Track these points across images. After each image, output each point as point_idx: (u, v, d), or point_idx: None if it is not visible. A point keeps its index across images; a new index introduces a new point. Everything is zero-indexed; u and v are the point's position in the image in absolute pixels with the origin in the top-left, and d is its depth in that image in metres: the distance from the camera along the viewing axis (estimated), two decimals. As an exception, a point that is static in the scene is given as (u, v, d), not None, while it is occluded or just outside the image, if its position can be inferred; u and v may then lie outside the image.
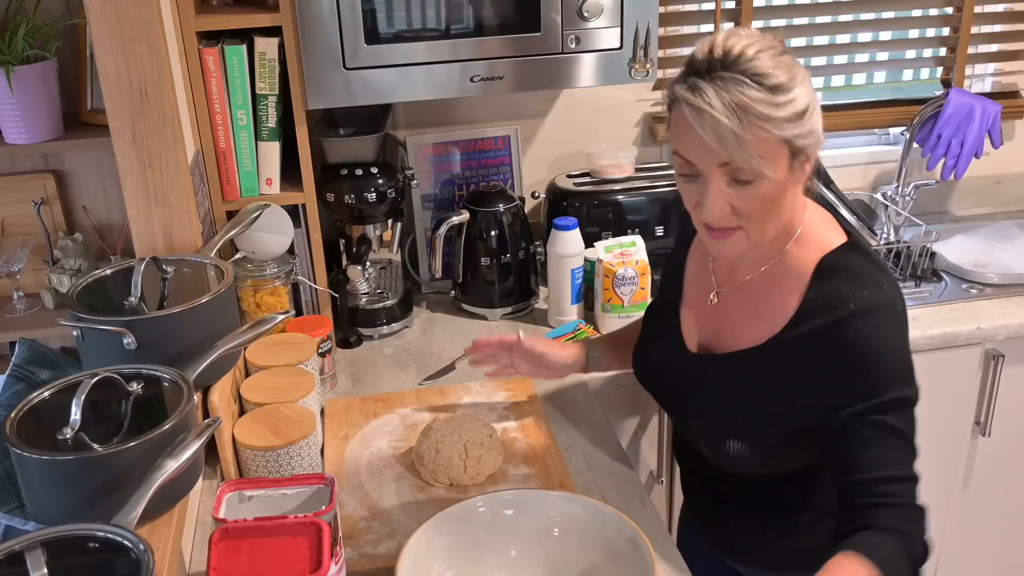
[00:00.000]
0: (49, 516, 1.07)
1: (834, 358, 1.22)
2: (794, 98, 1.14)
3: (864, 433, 1.19)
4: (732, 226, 1.22)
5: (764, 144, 1.14)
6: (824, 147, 1.23)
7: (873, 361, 1.20)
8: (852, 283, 1.23)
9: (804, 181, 1.24)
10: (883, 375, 1.20)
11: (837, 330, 1.21)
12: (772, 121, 1.13)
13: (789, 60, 1.17)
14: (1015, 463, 2.18)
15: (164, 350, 1.30)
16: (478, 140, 2.22)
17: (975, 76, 2.58)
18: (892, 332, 1.22)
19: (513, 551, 1.31)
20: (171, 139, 1.48)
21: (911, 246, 2.21)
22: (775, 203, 1.20)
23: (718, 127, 1.13)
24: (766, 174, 1.16)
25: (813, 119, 1.17)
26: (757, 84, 1.12)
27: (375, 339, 2.03)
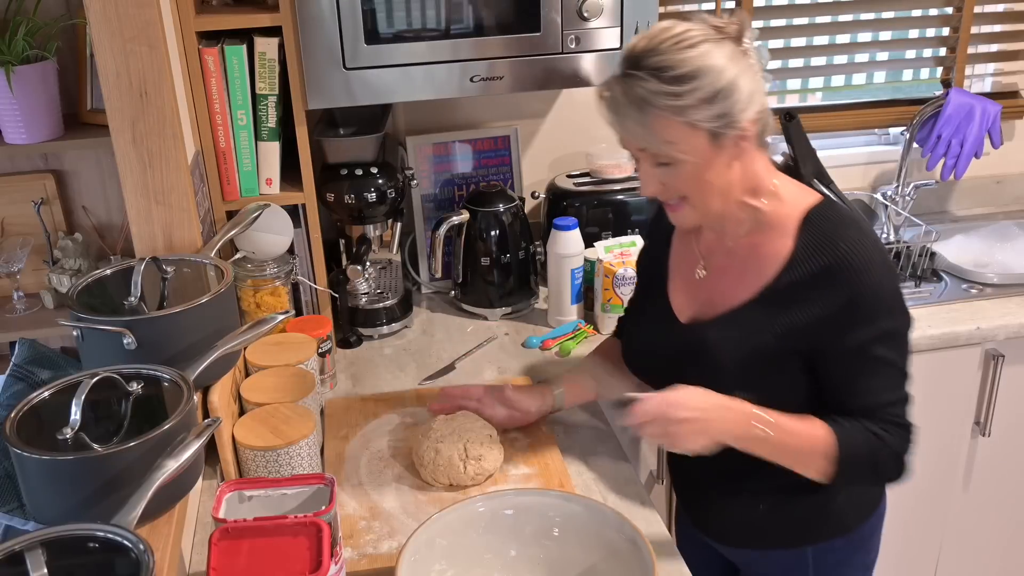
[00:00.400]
0: (49, 516, 1.07)
1: (830, 297, 1.30)
2: (697, 86, 1.22)
3: (862, 364, 1.31)
4: (674, 200, 1.34)
5: (671, 130, 1.25)
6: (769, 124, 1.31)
7: (867, 296, 1.29)
8: (839, 228, 1.32)
9: (747, 150, 1.30)
10: (876, 309, 1.30)
11: (830, 270, 1.30)
12: (673, 110, 1.23)
13: (706, 49, 1.23)
14: (1015, 463, 2.18)
15: (164, 350, 1.30)
16: (478, 140, 2.22)
17: (975, 76, 2.58)
18: (882, 267, 1.32)
19: (513, 551, 1.31)
20: (171, 139, 1.48)
21: (911, 246, 2.21)
22: (704, 179, 1.30)
23: (625, 120, 1.27)
24: (679, 157, 1.27)
25: (729, 100, 1.24)
26: (657, 77, 1.23)
27: (375, 339, 2.03)
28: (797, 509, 1.46)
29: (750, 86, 1.25)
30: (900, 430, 1.33)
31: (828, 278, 1.30)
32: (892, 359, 1.33)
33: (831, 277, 1.30)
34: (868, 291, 1.29)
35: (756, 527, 1.50)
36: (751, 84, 1.25)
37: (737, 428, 1.31)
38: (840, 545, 1.49)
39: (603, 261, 1.94)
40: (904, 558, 2.19)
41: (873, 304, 1.30)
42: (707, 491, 1.53)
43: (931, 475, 2.12)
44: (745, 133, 1.27)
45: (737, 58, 1.25)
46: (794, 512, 1.46)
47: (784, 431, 1.31)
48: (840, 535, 1.49)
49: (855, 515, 1.50)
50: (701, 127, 1.24)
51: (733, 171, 1.31)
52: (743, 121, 1.26)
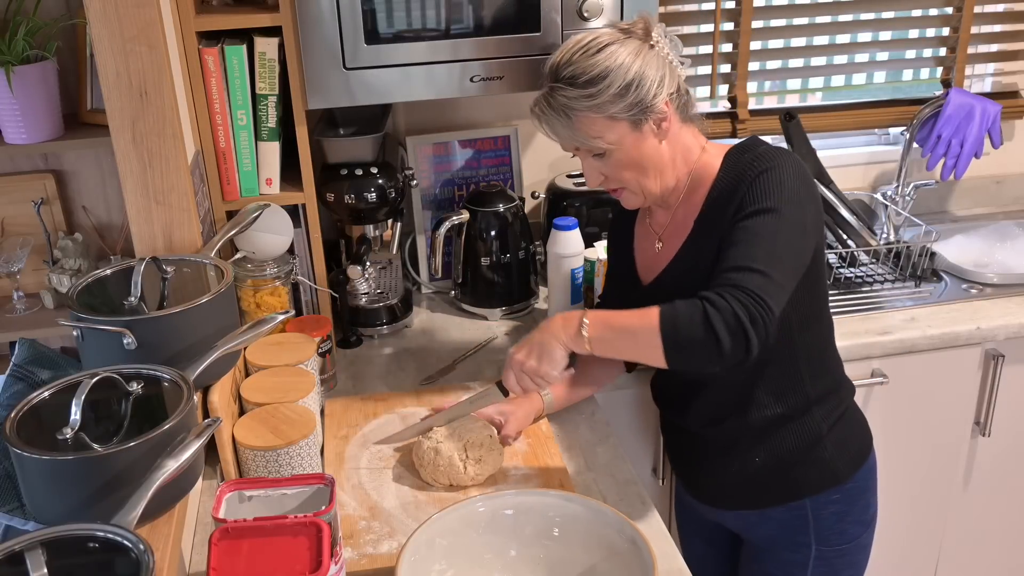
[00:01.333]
0: (49, 516, 1.07)
1: (737, 195, 1.39)
2: (608, 84, 1.37)
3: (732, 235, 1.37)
4: (616, 187, 1.49)
5: (594, 125, 1.40)
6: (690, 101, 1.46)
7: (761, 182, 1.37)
8: (752, 146, 1.45)
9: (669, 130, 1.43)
10: (765, 192, 1.37)
11: (739, 175, 1.41)
12: (591, 108, 1.38)
13: (611, 50, 1.37)
14: (1015, 463, 2.18)
15: (164, 350, 1.30)
16: (478, 140, 2.22)
17: (975, 76, 2.58)
18: (786, 167, 1.39)
19: (513, 551, 1.31)
20: (171, 139, 1.48)
21: (911, 246, 2.21)
22: (638, 162, 1.44)
23: (554, 127, 1.44)
24: (608, 148, 1.42)
25: (640, 90, 1.37)
26: (572, 85, 1.38)
27: (375, 339, 2.03)
28: (789, 461, 1.51)
29: (657, 73, 1.38)
30: (736, 291, 1.29)
31: (737, 182, 1.40)
32: (758, 233, 1.34)
33: (739, 179, 1.40)
34: (764, 175, 1.38)
35: (753, 485, 1.55)
36: (658, 71, 1.39)
37: (568, 336, 1.39)
38: (836, 497, 1.54)
39: (603, 261, 1.94)
40: (904, 558, 2.19)
41: (763, 187, 1.37)
42: (702, 454, 1.58)
43: (931, 475, 2.13)
44: (663, 115, 1.40)
45: (642, 52, 1.38)
46: (787, 464, 1.52)
47: (610, 318, 1.37)
48: (834, 485, 1.53)
49: (846, 466, 1.54)
50: (620, 118, 1.39)
51: (663, 150, 1.44)
52: (658, 105, 1.39)
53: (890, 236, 2.33)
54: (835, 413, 1.54)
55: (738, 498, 1.59)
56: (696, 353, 1.30)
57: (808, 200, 1.40)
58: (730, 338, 1.26)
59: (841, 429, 1.54)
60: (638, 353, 1.36)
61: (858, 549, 1.60)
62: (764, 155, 1.41)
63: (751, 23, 2.33)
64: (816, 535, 1.55)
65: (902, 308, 2.08)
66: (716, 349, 1.27)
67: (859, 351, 1.94)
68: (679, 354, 1.30)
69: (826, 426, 1.52)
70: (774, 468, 1.53)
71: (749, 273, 1.30)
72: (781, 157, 1.40)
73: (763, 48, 2.44)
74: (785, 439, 1.51)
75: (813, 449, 1.52)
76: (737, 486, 1.57)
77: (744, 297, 1.28)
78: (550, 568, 1.30)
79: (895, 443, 2.06)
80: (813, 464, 1.52)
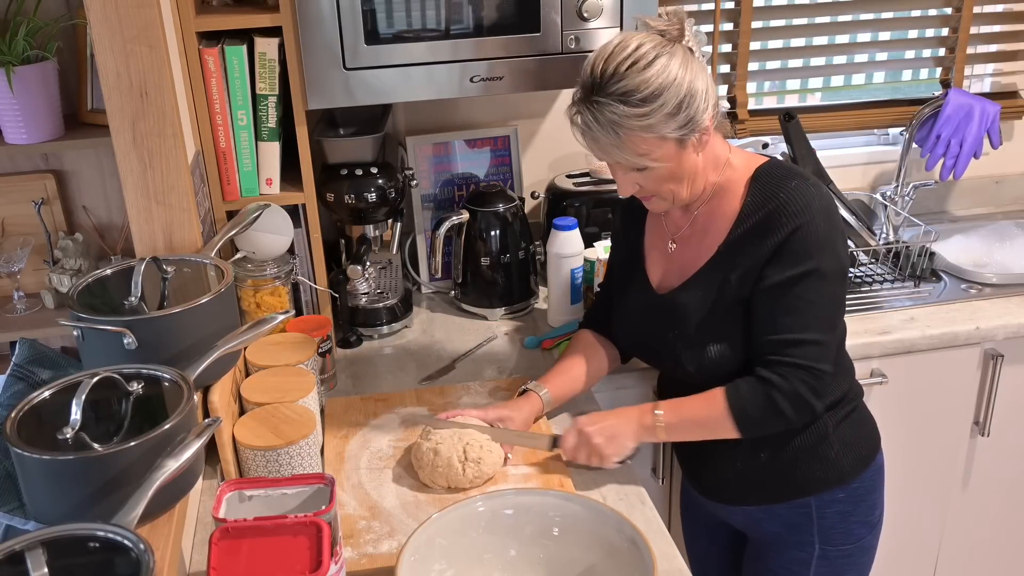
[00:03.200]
0: (49, 516, 1.07)
1: (769, 240, 1.41)
2: (662, 103, 1.33)
3: (779, 301, 1.41)
4: (647, 195, 1.48)
5: (643, 144, 1.36)
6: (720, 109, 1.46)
7: (797, 236, 1.39)
8: (781, 180, 1.44)
9: (708, 142, 1.42)
10: (804, 249, 1.39)
11: (770, 216, 1.41)
12: (644, 128, 1.34)
13: (662, 64, 1.33)
14: (1014, 463, 2.18)
15: (164, 350, 1.30)
16: (478, 140, 2.23)
17: (974, 76, 2.58)
18: (818, 212, 1.40)
19: (513, 551, 1.31)
20: (171, 139, 1.48)
21: (910, 246, 2.21)
22: (676, 175, 1.42)
23: (599, 143, 1.38)
24: (652, 165, 1.39)
25: (691, 107, 1.35)
26: (624, 102, 1.33)
27: (375, 339, 2.03)
28: (795, 457, 1.52)
29: (704, 85, 1.36)
30: (796, 370, 1.40)
31: (768, 223, 1.41)
32: (810, 299, 1.40)
33: (770, 221, 1.41)
34: (799, 231, 1.39)
35: (757, 481, 1.56)
36: (704, 82, 1.37)
37: (641, 426, 1.48)
38: (841, 497, 1.54)
39: (603, 261, 1.94)
40: (904, 557, 2.20)
41: (802, 244, 1.39)
42: (708, 449, 1.58)
43: (930, 475, 2.13)
44: (707, 130, 1.40)
45: (688, 62, 1.35)
46: (792, 461, 1.53)
47: (682, 409, 1.47)
48: (839, 485, 1.54)
49: (851, 465, 1.55)
50: (670, 137, 1.37)
51: (698, 162, 1.44)
52: (705, 121, 1.38)
53: (889, 236, 2.33)
54: (842, 413, 1.54)
55: (743, 494, 1.59)
56: (767, 429, 1.46)
57: (839, 238, 1.43)
58: (796, 414, 1.42)
59: (848, 429, 1.55)
60: (711, 434, 1.48)
61: (862, 551, 1.60)
62: (795, 200, 1.40)
63: (751, 23, 2.33)
64: (820, 534, 1.55)
65: (901, 308, 2.08)
66: (785, 423, 1.43)
67: (859, 351, 1.94)
68: (750, 432, 1.45)
69: (832, 426, 1.52)
70: (779, 465, 1.53)
71: (805, 347, 1.40)
72: (811, 203, 1.40)
73: (763, 48, 2.45)
74: (791, 437, 1.51)
75: (819, 447, 1.52)
76: (742, 482, 1.58)
77: (804, 375, 1.40)
78: (550, 568, 1.30)
79: (894, 443, 2.05)
80: (818, 462, 1.53)
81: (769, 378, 1.41)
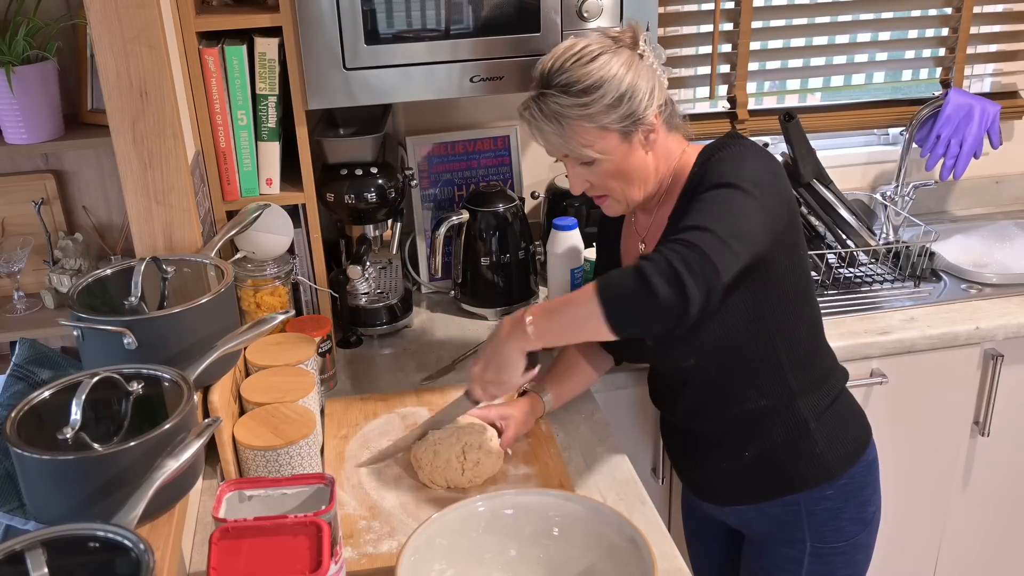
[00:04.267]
0: (49, 516, 1.07)
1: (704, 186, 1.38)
2: (602, 95, 1.38)
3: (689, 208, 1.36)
4: (600, 195, 1.51)
5: (585, 134, 1.41)
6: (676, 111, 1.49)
7: (715, 165, 1.40)
8: (721, 146, 1.44)
9: (656, 140, 1.45)
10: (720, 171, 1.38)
11: (705, 166, 1.42)
12: (584, 118, 1.39)
13: (604, 60, 1.39)
14: (1014, 463, 2.18)
15: (164, 350, 1.30)
16: (478, 140, 2.23)
17: (974, 76, 2.58)
18: (749, 154, 1.41)
19: (513, 551, 1.31)
20: (171, 139, 1.48)
21: (910, 246, 2.21)
22: (624, 172, 1.45)
23: (544, 134, 1.44)
24: (597, 157, 1.43)
25: (632, 102, 1.39)
26: (566, 93, 1.39)
27: (375, 339, 2.03)
28: (779, 454, 1.52)
29: (648, 84, 1.41)
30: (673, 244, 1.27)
31: (704, 173, 1.41)
32: (709, 200, 1.34)
33: (705, 170, 1.41)
34: (722, 157, 1.40)
35: (745, 480, 1.56)
36: (649, 82, 1.41)
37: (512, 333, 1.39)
38: (830, 493, 1.54)
39: (603, 261, 1.94)
40: (903, 558, 2.20)
41: (722, 167, 1.39)
42: (695, 450, 1.58)
43: (930, 475, 2.13)
44: (652, 127, 1.43)
45: (634, 62, 1.40)
46: (777, 458, 1.52)
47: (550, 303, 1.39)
48: (826, 480, 1.53)
49: (837, 461, 1.53)
50: (612, 129, 1.40)
51: (648, 160, 1.46)
52: (648, 117, 1.41)
53: (889, 236, 2.33)
54: (822, 404, 1.53)
55: (732, 493, 1.60)
56: (636, 311, 1.27)
57: (769, 184, 1.38)
58: (666, 287, 1.23)
59: (831, 422, 1.54)
60: (582, 327, 1.33)
61: (856, 548, 1.59)
62: (729, 144, 1.43)
63: (751, 23, 2.33)
64: (810, 531, 1.55)
65: (901, 308, 2.08)
66: (653, 301, 1.24)
67: (858, 351, 1.94)
68: (620, 316, 1.27)
69: (811, 417, 1.52)
70: (765, 462, 1.53)
71: (690, 231, 1.29)
72: (746, 144, 1.43)
73: (762, 48, 2.45)
74: (773, 432, 1.51)
75: (802, 442, 1.52)
76: (730, 481, 1.58)
77: (681, 248, 1.26)
78: (550, 567, 1.30)
79: (894, 443, 2.06)
80: (803, 458, 1.52)
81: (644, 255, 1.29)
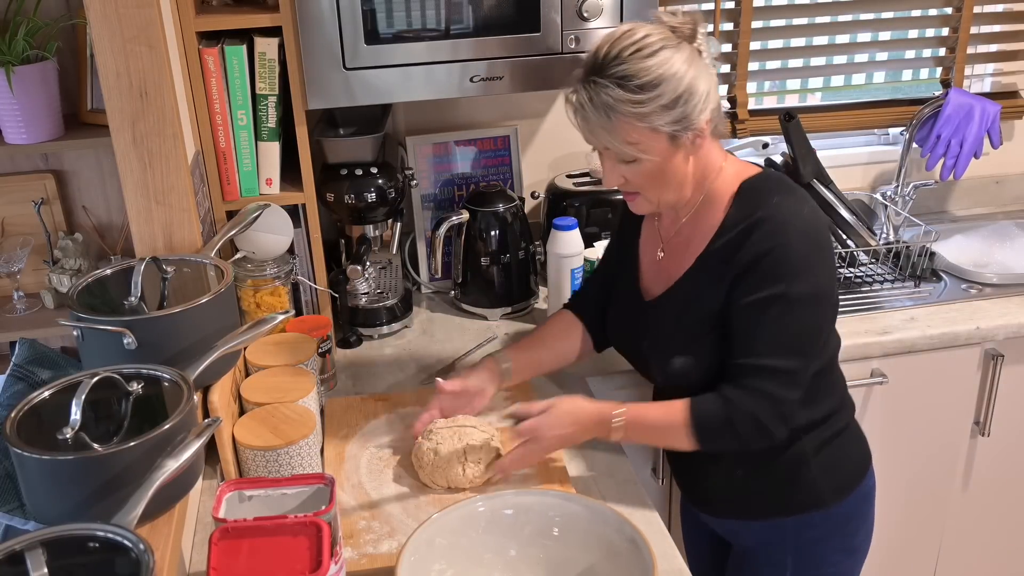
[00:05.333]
0: (49, 516, 1.07)
1: (745, 254, 1.37)
2: (659, 94, 1.31)
3: (751, 320, 1.37)
4: (632, 191, 1.44)
5: (634, 132, 1.33)
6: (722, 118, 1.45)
7: (774, 254, 1.35)
8: (765, 193, 1.40)
9: (702, 146, 1.39)
10: (779, 270, 1.35)
11: (748, 230, 1.37)
12: (636, 116, 1.32)
13: (665, 56, 1.31)
14: (1015, 463, 2.18)
15: (164, 350, 1.30)
16: (478, 140, 2.23)
17: (974, 76, 2.58)
18: (797, 232, 1.36)
19: (513, 551, 1.31)
20: (171, 139, 1.48)
21: (910, 246, 2.21)
22: (664, 174, 1.39)
23: (589, 123, 1.36)
24: (641, 157, 1.36)
25: (688, 104, 1.33)
26: (621, 86, 1.31)
27: (375, 339, 2.03)
28: (771, 477, 1.50)
29: (706, 86, 1.34)
30: (758, 397, 1.36)
31: (742, 240, 1.38)
32: (781, 324, 1.36)
33: (748, 235, 1.37)
34: (776, 250, 1.35)
35: (737, 495, 1.54)
36: (707, 84, 1.34)
37: (598, 430, 1.43)
38: (818, 521, 1.52)
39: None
40: (903, 558, 2.20)
41: (772, 266, 1.35)
42: (691, 457, 1.55)
43: (930, 475, 2.13)
44: (701, 132, 1.36)
45: (694, 60, 1.33)
46: (768, 480, 1.50)
47: (640, 414, 1.42)
48: (816, 509, 1.51)
49: (831, 491, 1.51)
50: (662, 130, 1.33)
51: (689, 165, 1.41)
52: (700, 122, 1.35)
53: (890, 236, 2.33)
54: (821, 438, 1.50)
55: (722, 507, 1.58)
56: (722, 447, 1.42)
57: (819, 261, 1.38)
58: (753, 438, 1.38)
59: (830, 455, 1.51)
60: (661, 440, 1.51)
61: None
62: (773, 219, 1.36)
63: (751, 23, 2.33)
64: (794, 555, 1.53)
65: (901, 308, 2.08)
66: (742, 445, 1.39)
67: (859, 351, 1.94)
68: (705, 447, 1.40)
69: (812, 450, 1.49)
70: (755, 484, 1.51)
71: (768, 374, 1.36)
72: (789, 223, 1.36)
73: (763, 48, 2.44)
74: (768, 459, 1.48)
75: (798, 470, 1.49)
76: (721, 495, 1.56)
77: (765, 403, 1.36)
78: (550, 568, 1.30)
79: (894, 443, 2.06)
80: (795, 485, 1.50)
81: (731, 398, 1.37)
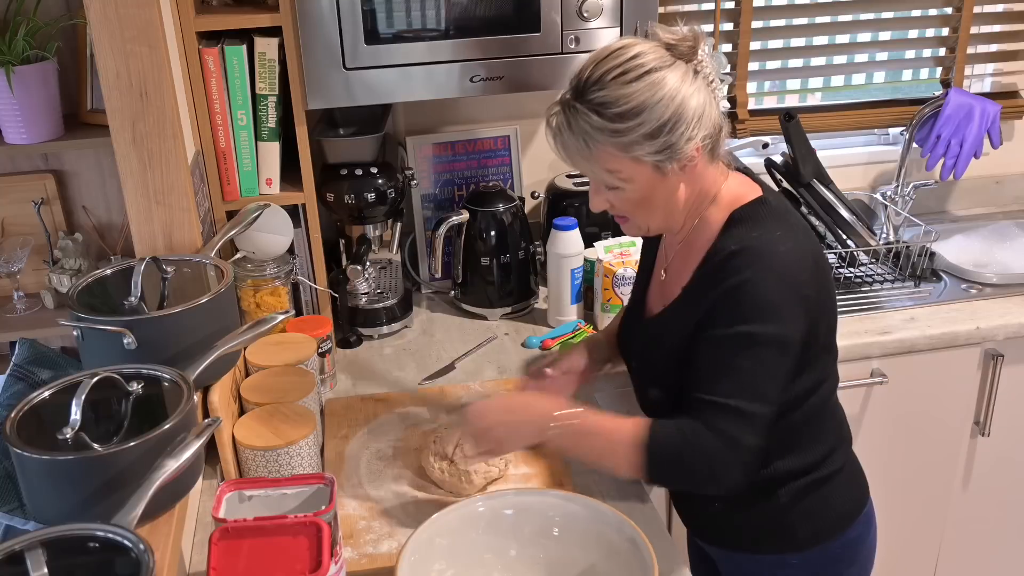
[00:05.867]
0: (49, 516, 1.07)
1: (716, 290, 1.28)
2: (640, 123, 1.22)
3: (715, 358, 1.27)
4: (621, 216, 1.37)
5: (613, 161, 1.26)
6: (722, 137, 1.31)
7: (744, 290, 1.25)
8: (751, 226, 1.30)
9: (694, 172, 1.30)
10: (748, 308, 1.25)
11: (725, 261, 1.28)
12: (616, 145, 1.24)
13: (652, 80, 1.22)
14: (1015, 463, 2.18)
15: (164, 350, 1.30)
16: (478, 140, 2.23)
17: (974, 76, 2.58)
18: (772, 270, 1.26)
19: (513, 551, 1.31)
20: (171, 139, 1.48)
21: (910, 246, 2.21)
22: (650, 202, 1.31)
23: (567, 149, 1.28)
24: (621, 186, 1.29)
25: (674, 133, 1.23)
26: (599, 113, 1.23)
27: (375, 339, 2.03)
28: (746, 513, 1.43)
29: (696, 111, 1.23)
30: (721, 437, 1.24)
31: (720, 269, 1.28)
32: (744, 365, 1.25)
33: (723, 268, 1.28)
34: (745, 286, 1.25)
35: (717, 526, 1.50)
36: (698, 108, 1.24)
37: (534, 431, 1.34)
38: (795, 562, 1.45)
39: (603, 261, 1.94)
40: (903, 558, 2.20)
41: (744, 300, 1.25)
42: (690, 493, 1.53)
43: (930, 475, 2.13)
44: (692, 160, 1.27)
45: (686, 81, 1.23)
46: (744, 516, 1.44)
47: (588, 422, 1.32)
48: (791, 551, 1.45)
49: (808, 536, 1.44)
50: (644, 160, 1.25)
51: (680, 192, 1.32)
52: (688, 151, 1.25)
53: (890, 236, 2.33)
54: (801, 487, 1.41)
55: (703, 531, 1.55)
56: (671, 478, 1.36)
57: (791, 304, 1.27)
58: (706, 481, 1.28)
59: (810, 504, 1.42)
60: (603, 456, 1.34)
61: None
62: (750, 252, 1.27)
63: (751, 23, 2.33)
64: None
65: (902, 308, 2.08)
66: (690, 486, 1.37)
67: (859, 351, 1.94)
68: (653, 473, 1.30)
69: (788, 500, 1.41)
70: (735, 517, 1.46)
71: (729, 415, 1.25)
72: (765, 260, 1.26)
73: (763, 48, 2.44)
74: (745, 500, 1.40)
75: (772, 515, 1.43)
76: (699, 519, 1.53)
77: (724, 444, 1.24)
78: (550, 568, 1.30)
79: (894, 443, 2.06)
80: (770, 524, 1.44)
81: (689, 433, 1.26)
